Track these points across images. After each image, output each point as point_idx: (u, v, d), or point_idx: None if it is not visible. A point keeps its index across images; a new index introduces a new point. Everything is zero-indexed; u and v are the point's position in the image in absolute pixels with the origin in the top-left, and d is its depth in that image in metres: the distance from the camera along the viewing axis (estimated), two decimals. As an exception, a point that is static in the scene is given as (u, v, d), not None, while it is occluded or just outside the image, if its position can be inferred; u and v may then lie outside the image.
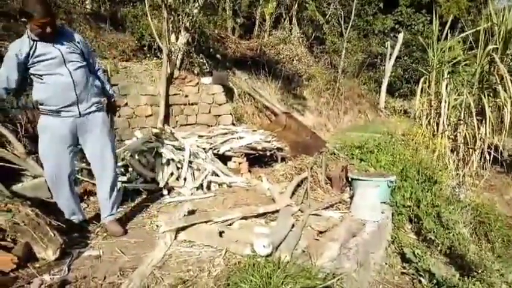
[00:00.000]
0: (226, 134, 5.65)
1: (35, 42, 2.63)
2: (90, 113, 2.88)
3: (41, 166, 3.04)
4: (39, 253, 2.52)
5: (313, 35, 13.51)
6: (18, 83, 2.67)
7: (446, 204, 5.29)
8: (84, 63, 2.86)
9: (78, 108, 2.81)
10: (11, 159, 3.65)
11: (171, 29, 6.62)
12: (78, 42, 2.83)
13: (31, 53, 2.61)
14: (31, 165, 3.73)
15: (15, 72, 2.62)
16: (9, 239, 2.46)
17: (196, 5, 6.49)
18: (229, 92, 7.69)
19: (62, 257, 2.56)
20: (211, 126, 6.67)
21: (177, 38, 6.75)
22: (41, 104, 2.75)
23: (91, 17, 7.28)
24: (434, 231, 4.60)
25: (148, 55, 6.92)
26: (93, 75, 3.00)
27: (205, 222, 3.23)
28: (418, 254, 4.06)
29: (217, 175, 4.76)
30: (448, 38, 8.22)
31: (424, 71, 8.59)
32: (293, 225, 3.36)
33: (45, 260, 2.52)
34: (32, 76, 2.70)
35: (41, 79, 2.69)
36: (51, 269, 2.45)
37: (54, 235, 2.58)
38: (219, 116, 7.03)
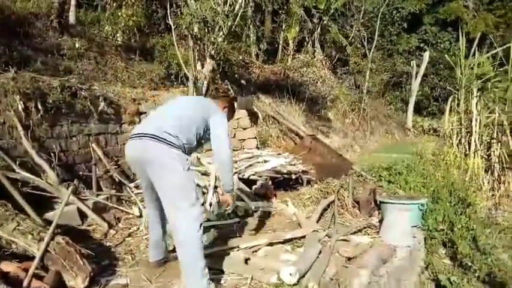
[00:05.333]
0: (251, 158, 5.66)
1: None
2: None
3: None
4: (69, 281, 2.56)
5: (336, 56, 13.57)
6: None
7: (482, 227, 5.03)
8: None
9: None
10: (44, 187, 3.80)
11: (196, 57, 6.83)
12: None
13: None
14: (63, 192, 3.86)
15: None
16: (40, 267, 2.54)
17: (221, 33, 6.69)
18: (253, 116, 7.76)
19: (90, 284, 2.60)
20: (236, 150, 6.71)
21: (202, 66, 6.93)
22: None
23: (122, 49, 7.62)
24: (470, 257, 4.37)
25: (175, 83, 7.14)
26: None
27: (231, 248, 3.22)
28: (454, 281, 3.87)
29: (243, 200, 4.75)
30: (476, 55, 8.05)
31: (453, 89, 8.39)
32: (320, 252, 3.29)
33: (74, 288, 2.56)
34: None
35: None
36: (80, 297, 2.49)
37: (84, 263, 2.63)
38: (244, 140, 7.08)
